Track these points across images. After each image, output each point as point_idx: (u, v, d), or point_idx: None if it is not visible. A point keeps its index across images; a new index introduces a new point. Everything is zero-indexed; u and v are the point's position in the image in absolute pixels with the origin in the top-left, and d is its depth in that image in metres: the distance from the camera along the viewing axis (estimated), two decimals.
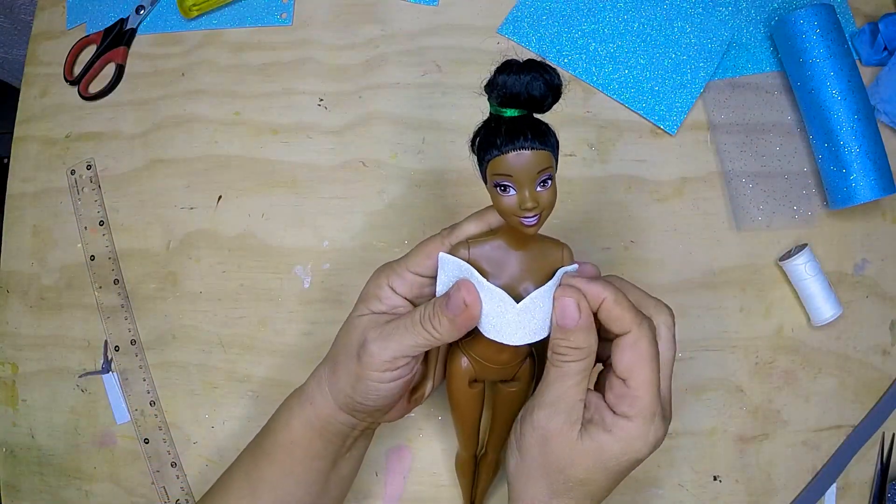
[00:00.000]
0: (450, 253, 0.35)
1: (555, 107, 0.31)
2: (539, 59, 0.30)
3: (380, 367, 0.35)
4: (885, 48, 0.54)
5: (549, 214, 0.32)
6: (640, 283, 0.52)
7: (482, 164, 0.32)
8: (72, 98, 0.59)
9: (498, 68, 0.30)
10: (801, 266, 0.50)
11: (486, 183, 0.33)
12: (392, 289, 0.37)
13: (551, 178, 0.31)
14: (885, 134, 0.53)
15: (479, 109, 0.33)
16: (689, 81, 0.55)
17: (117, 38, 0.59)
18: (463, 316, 0.34)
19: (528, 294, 0.34)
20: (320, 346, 0.52)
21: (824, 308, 0.50)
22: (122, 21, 0.59)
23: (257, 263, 0.54)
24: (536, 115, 0.31)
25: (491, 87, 0.30)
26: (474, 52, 0.57)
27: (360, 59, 0.58)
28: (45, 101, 0.59)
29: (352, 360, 0.36)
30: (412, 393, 0.41)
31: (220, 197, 0.56)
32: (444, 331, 0.34)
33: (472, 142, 0.32)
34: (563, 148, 0.59)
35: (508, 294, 0.34)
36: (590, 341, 0.34)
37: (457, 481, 0.48)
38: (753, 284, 0.53)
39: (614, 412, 0.33)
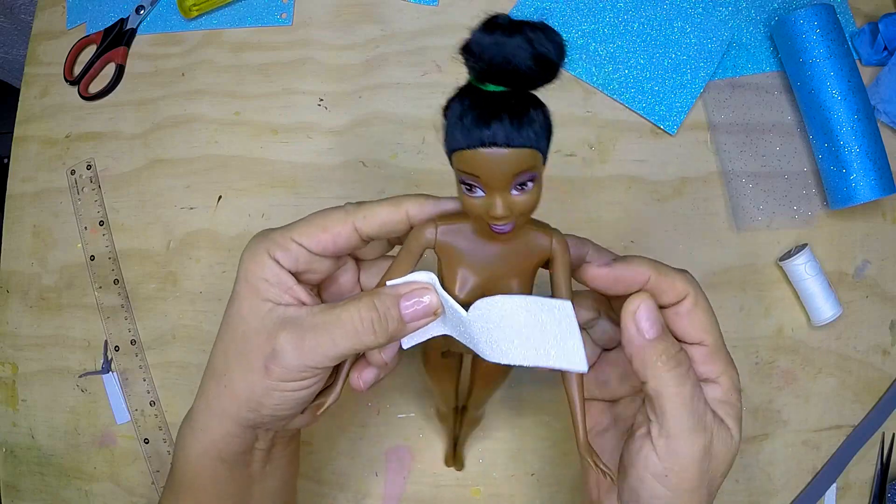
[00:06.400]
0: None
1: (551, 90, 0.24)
2: (537, 22, 0.22)
3: (296, 377, 0.30)
4: (885, 48, 0.54)
5: (528, 218, 0.27)
6: None
7: (447, 146, 0.25)
8: (72, 98, 0.59)
9: (478, 26, 0.22)
10: (801, 266, 0.50)
11: (451, 163, 0.26)
12: (276, 261, 0.31)
13: (534, 179, 0.25)
14: (885, 134, 0.53)
15: None
16: (689, 81, 0.55)
17: (117, 38, 0.59)
18: (422, 321, 0.30)
19: (510, 291, 0.28)
20: None
21: (824, 308, 0.50)
22: (122, 21, 0.59)
23: None
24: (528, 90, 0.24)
25: (466, 53, 0.23)
26: None
27: (360, 59, 0.58)
28: (45, 101, 0.59)
29: (255, 374, 0.31)
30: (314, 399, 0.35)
31: (219, 197, 0.56)
32: (393, 333, 0.30)
33: (445, 111, 0.25)
34: (563, 148, 0.60)
35: (487, 292, 0.29)
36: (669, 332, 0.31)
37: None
38: (753, 284, 0.52)
39: (707, 379, 0.31)
